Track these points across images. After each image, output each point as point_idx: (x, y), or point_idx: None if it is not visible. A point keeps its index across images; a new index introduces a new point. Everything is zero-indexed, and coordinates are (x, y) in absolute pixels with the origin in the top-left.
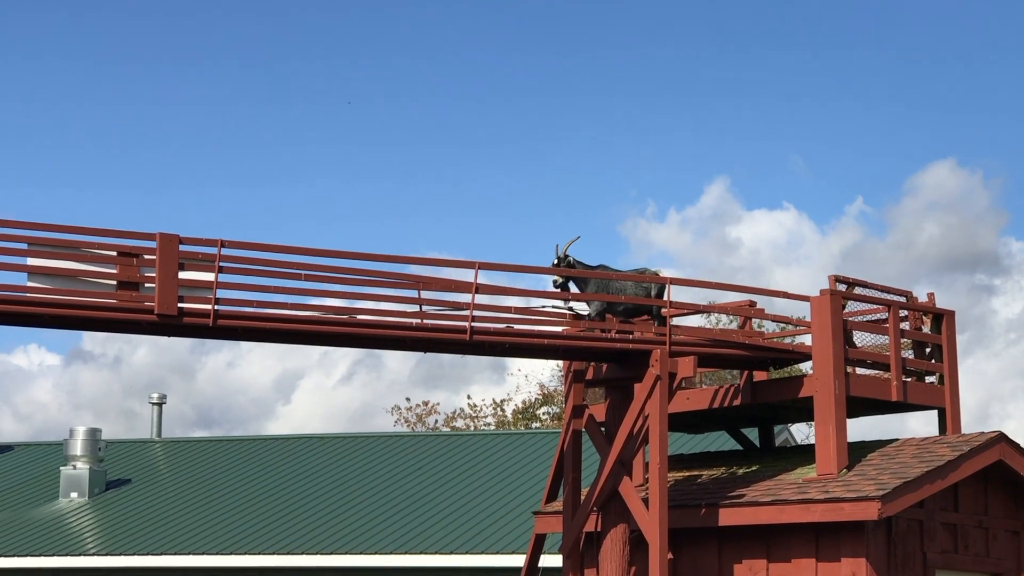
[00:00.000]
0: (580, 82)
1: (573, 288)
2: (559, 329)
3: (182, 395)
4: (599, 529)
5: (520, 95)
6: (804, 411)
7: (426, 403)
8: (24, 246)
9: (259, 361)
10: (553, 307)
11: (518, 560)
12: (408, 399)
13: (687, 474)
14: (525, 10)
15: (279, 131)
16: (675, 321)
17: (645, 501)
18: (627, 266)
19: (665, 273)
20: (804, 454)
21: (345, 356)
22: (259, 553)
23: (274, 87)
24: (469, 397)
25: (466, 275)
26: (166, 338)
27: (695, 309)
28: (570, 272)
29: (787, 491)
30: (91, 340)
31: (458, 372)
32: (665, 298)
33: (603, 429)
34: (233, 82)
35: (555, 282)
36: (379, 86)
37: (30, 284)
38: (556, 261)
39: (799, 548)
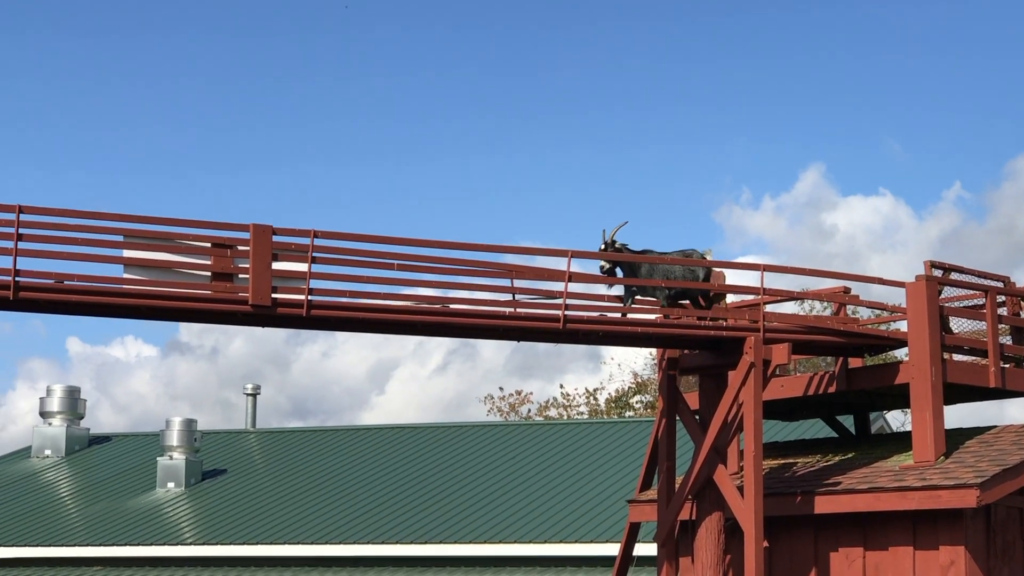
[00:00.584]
0: (674, 69)
1: (619, 274)
2: (652, 317)
3: (277, 386)
4: (694, 517)
5: (613, 81)
6: (900, 398)
7: (519, 392)
8: (120, 238)
9: (354, 351)
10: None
11: (612, 549)
12: (501, 388)
13: (782, 462)
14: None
15: (353, 106)
16: (765, 308)
17: (740, 489)
18: (673, 248)
19: (752, 260)
20: (900, 441)
21: (440, 345)
22: (354, 542)
23: (352, 58)
24: (562, 386)
25: (559, 263)
26: (261, 329)
27: (789, 296)
28: (618, 256)
29: (884, 478)
30: (188, 331)
31: (553, 361)
32: (714, 281)
33: (697, 417)
34: (305, 54)
35: (602, 267)
36: (469, 60)
37: (126, 276)
38: (603, 246)
39: (896, 536)
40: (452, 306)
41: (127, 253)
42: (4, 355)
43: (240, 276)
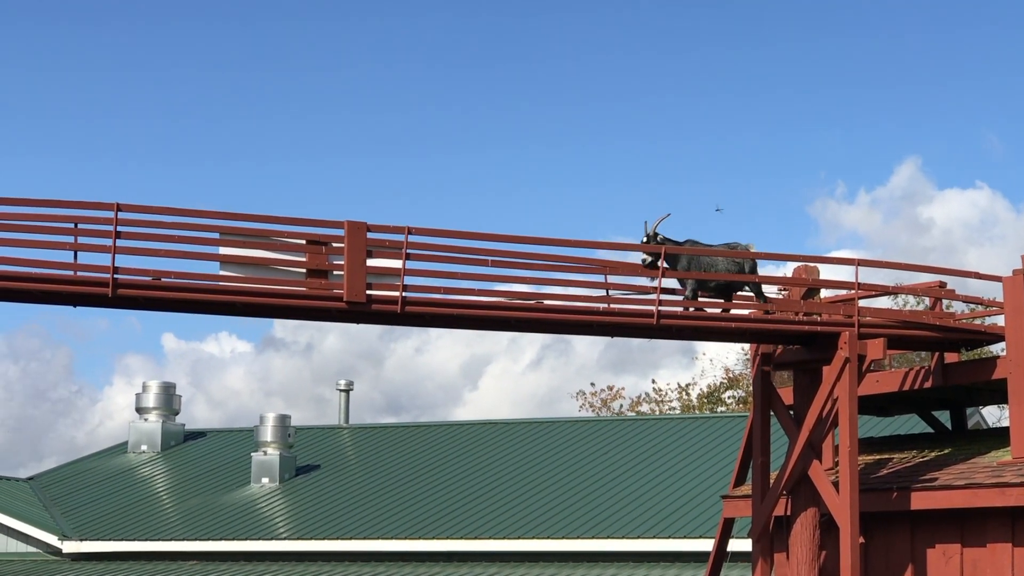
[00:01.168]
0: (769, 61)
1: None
2: (746, 312)
3: (371, 381)
4: (788, 513)
5: (708, 74)
6: (997, 393)
7: (610, 388)
8: (216, 236)
9: (447, 347)
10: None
11: (706, 544)
12: (592, 384)
13: (877, 457)
14: None
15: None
16: (856, 303)
17: (835, 485)
18: (717, 242)
19: (846, 254)
20: (998, 437)
21: (533, 341)
22: (446, 537)
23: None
24: (654, 382)
25: None
26: (355, 325)
27: (883, 291)
28: (660, 249)
29: (981, 474)
30: (282, 327)
31: (647, 356)
32: (758, 272)
33: (791, 412)
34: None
35: (644, 260)
36: (568, 47)
37: (222, 273)
38: (645, 239)
39: (994, 533)
40: (545, 302)
41: (223, 250)
42: (101, 351)
43: (335, 273)
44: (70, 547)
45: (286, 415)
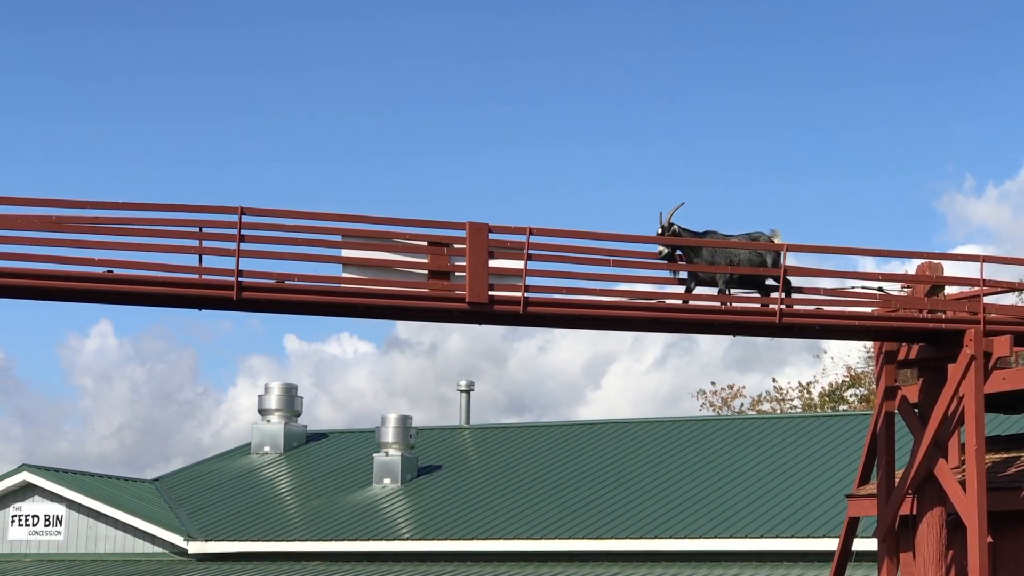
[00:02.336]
0: (896, 60)
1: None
2: (869, 310)
3: (494, 381)
4: (914, 512)
5: (831, 73)
6: None
7: (731, 387)
8: (339, 238)
9: (570, 346)
10: (863, 287)
11: (830, 544)
12: (713, 383)
13: (1004, 456)
14: None
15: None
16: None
17: (962, 483)
18: (738, 231)
19: (973, 250)
20: None
21: (657, 339)
22: (568, 538)
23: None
24: (774, 380)
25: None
26: (478, 325)
27: (1010, 287)
28: (676, 241)
29: None
30: (406, 328)
31: (773, 354)
32: (782, 264)
33: (916, 410)
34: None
35: (660, 252)
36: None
37: (345, 275)
38: (660, 230)
39: None
40: (667, 301)
41: (345, 253)
42: (225, 353)
43: (456, 274)
44: (195, 547)
45: (407, 416)
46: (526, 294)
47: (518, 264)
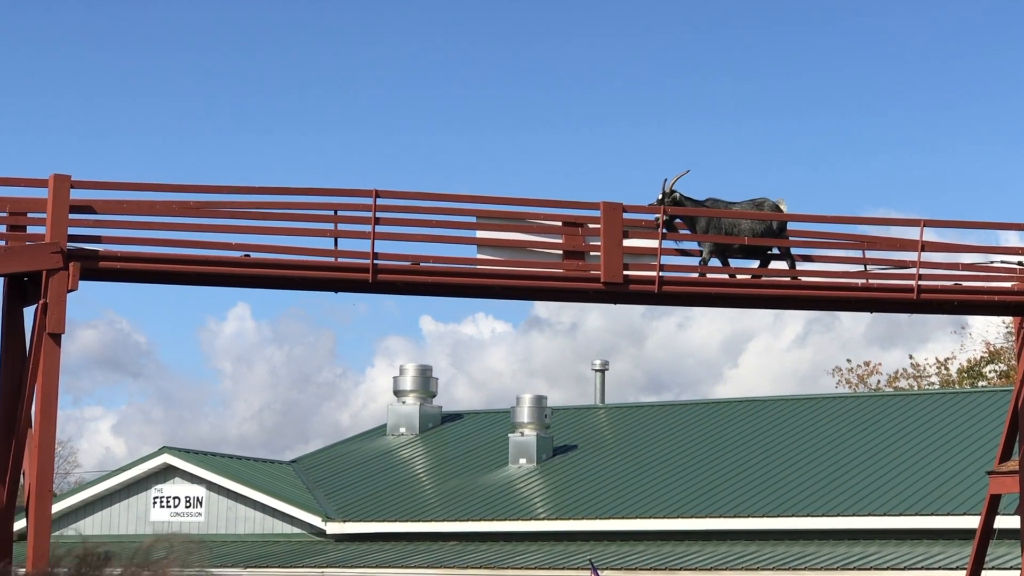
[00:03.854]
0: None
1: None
2: (1009, 284)
3: (633, 360)
4: None
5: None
6: None
7: (867, 363)
8: (473, 219)
9: (708, 323)
10: (1003, 262)
11: (971, 522)
12: (849, 360)
13: None
14: None
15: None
16: None
17: None
18: (739, 198)
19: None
20: None
21: (798, 316)
22: (704, 516)
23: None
24: (911, 357)
25: (911, 233)
26: (614, 304)
27: None
28: (675, 210)
29: None
30: (545, 307)
31: (916, 330)
32: (787, 235)
33: None
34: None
35: (658, 220)
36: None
37: (480, 256)
38: (660, 196)
39: None
40: (803, 279)
41: (480, 234)
42: (362, 334)
43: (591, 254)
44: (333, 528)
45: (542, 396)
46: (661, 273)
47: (653, 243)
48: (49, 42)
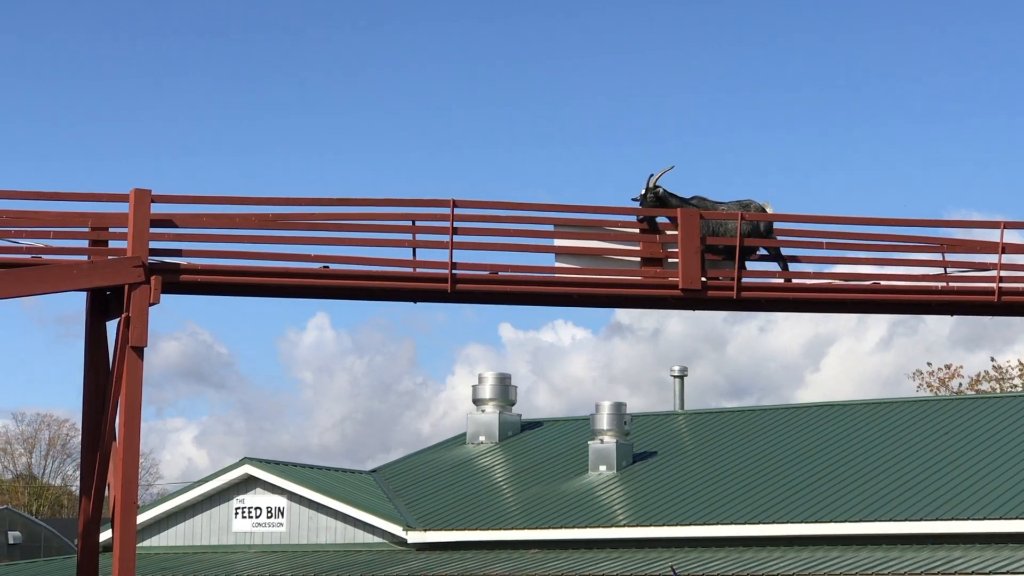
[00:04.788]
0: None
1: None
2: None
3: (715, 364)
4: None
5: None
6: None
7: (948, 366)
8: (550, 228)
9: (791, 327)
10: None
11: None
12: (929, 364)
13: None
14: None
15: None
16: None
17: None
18: (725, 198)
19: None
20: None
21: (881, 319)
22: (786, 522)
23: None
24: (992, 359)
25: (992, 235)
26: (693, 311)
27: None
28: (654, 211)
29: None
30: (626, 313)
31: (1002, 332)
32: (774, 235)
33: None
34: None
35: (639, 218)
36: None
37: (558, 264)
38: (643, 192)
39: None
40: (882, 283)
41: (558, 242)
42: (442, 343)
43: (669, 260)
44: (415, 537)
45: (621, 403)
46: (739, 279)
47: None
48: (128, 66)
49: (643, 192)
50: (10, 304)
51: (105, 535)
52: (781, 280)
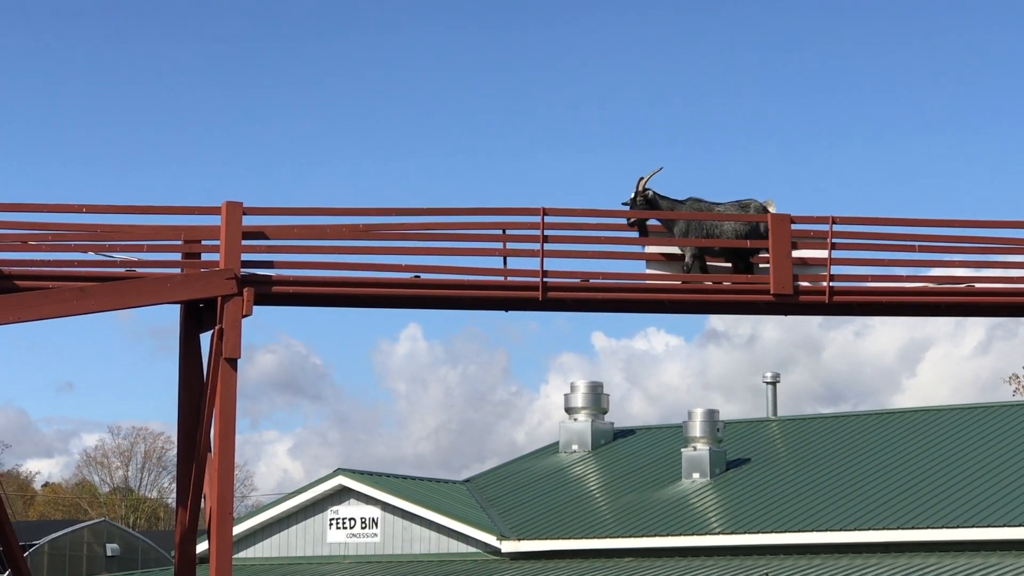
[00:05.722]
0: None
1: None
2: None
3: (811, 370)
4: None
5: None
6: None
7: None
8: (637, 234)
9: (887, 332)
10: None
11: None
12: None
13: None
14: None
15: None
16: None
17: None
18: (723, 198)
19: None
20: None
21: (979, 322)
22: (881, 528)
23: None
24: None
25: None
26: (785, 316)
27: None
28: (645, 214)
29: None
30: (721, 320)
31: None
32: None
33: None
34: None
35: (629, 221)
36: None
37: (648, 271)
38: (633, 196)
39: None
40: (976, 285)
41: (649, 249)
42: (535, 352)
43: (760, 265)
44: (508, 546)
45: (714, 410)
46: (831, 283)
47: (822, 253)
48: (217, 76)
49: (632, 195)
50: (105, 318)
51: (201, 546)
52: (874, 284)
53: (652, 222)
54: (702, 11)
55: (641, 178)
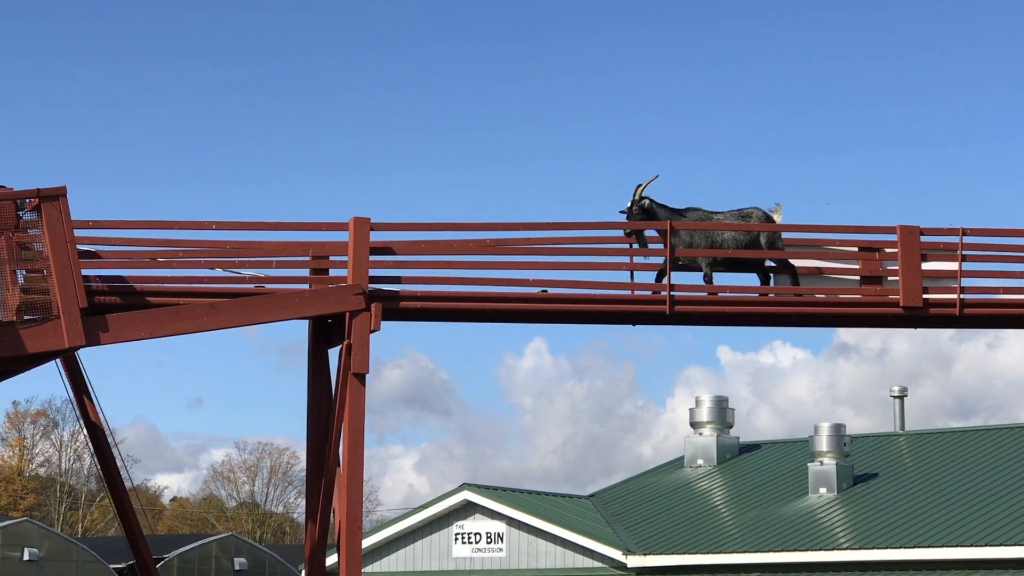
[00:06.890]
0: None
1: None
2: None
3: (941, 384)
4: None
5: None
6: None
7: None
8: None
9: (1020, 345)
10: None
11: None
12: None
13: None
14: None
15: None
16: None
17: None
18: (723, 207)
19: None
20: None
21: None
22: (1012, 544)
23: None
24: None
25: None
26: (914, 329)
27: None
28: (640, 225)
29: None
30: (850, 333)
31: None
32: (781, 245)
33: None
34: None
35: (626, 232)
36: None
37: (774, 284)
38: (629, 205)
39: None
40: None
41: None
42: (661, 366)
43: (889, 278)
44: (634, 561)
45: (841, 424)
46: (962, 295)
47: (952, 266)
48: (343, 87)
49: (629, 205)
50: (232, 335)
51: (329, 560)
52: (1006, 296)
53: (650, 232)
54: (703, 23)
55: (638, 186)
